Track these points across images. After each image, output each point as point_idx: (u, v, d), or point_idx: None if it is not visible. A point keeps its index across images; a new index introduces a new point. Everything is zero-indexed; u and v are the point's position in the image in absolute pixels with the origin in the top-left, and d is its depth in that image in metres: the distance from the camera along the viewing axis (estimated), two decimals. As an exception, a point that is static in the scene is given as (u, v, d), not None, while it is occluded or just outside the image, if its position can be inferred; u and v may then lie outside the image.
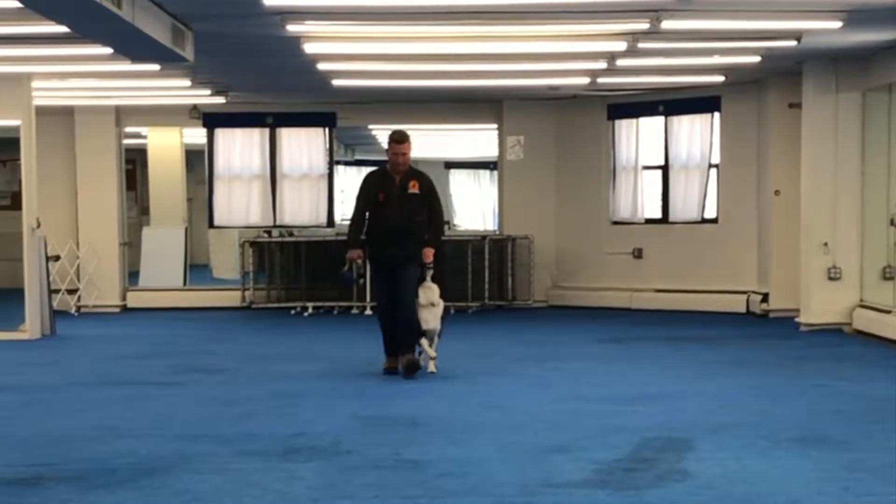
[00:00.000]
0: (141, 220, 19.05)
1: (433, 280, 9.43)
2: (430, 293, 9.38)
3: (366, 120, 16.97)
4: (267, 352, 11.57)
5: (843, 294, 12.43)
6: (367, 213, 9.62)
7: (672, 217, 15.30)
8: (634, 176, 15.47)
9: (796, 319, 12.82)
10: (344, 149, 22.42)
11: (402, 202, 9.50)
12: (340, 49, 10.93)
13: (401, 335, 9.51)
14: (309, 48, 10.65)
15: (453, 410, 7.99)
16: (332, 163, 16.34)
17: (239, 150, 16.21)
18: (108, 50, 9.72)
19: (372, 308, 9.45)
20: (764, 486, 5.74)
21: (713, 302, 14.65)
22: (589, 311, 15.28)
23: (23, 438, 7.17)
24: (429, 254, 9.41)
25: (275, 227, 16.28)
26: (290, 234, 16.58)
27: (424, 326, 9.40)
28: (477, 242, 15.62)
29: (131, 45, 9.07)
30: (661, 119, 15.26)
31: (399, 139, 9.57)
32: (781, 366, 10.18)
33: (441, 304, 9.50)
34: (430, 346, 9.50)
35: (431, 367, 9.50)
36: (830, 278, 12.46)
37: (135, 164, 19.47)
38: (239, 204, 16.21)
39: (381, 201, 9.53)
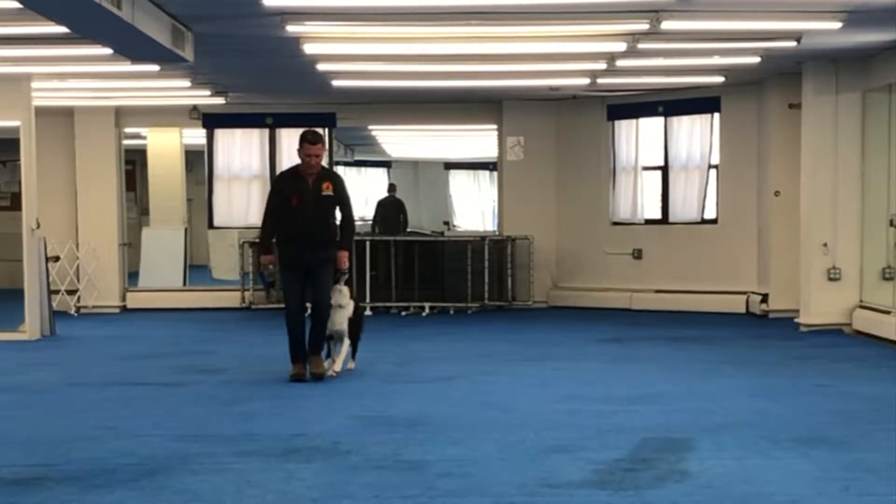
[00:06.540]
0: (141, 221, 19.03)
1: (345, 283, 9.61)
2: (339, 296, 9.49)
3: (365, 120, 16.97)
4: (267, 352, 11.54)
5: (843, 294, 12.43)
6: (279, 216, 9.36)
7: (672, 218, 15.31)
8: (634, 176, 15.48)
9: (796, 320, 12.82)
10: (343, 149, 22.40)
11: (317, 205, 9.24)
12: (340, 50, 10.94)
13: (315, 337, 9.49)
14: (309, 49, 10.67)
15: (453, 410, 7.99)
16: (331, 163, 16.33)
17: (238, 150, 16.23)
18: (108, 50, 9.73)
19: (285, 312, 9.47)
20: (764, 486, 5.74)
21: (713, 302, 14.65)
22: (589, 311, 15.28)
23: (23, 438, 7.17)
24: (344, 258, 9.40)
25: (274, 227, 16.26)
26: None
27: (331, 328, 9.50)
28: (477, 243, 15.60)
29: (131, 45, 9.08)
30: (660, 120, 15.27)
31: (312, 140, 9.22)
32: (781, 366, 10.19)
33: (350, 307, 9.63)
34: (338, 347, 9.65)
35: (337, 366, 9.56)
36: (830, 279, 12.46)
37: (135, 164, 19.46)
38: (238, 204, 16.22)
39: (294, 205, 9.21)
